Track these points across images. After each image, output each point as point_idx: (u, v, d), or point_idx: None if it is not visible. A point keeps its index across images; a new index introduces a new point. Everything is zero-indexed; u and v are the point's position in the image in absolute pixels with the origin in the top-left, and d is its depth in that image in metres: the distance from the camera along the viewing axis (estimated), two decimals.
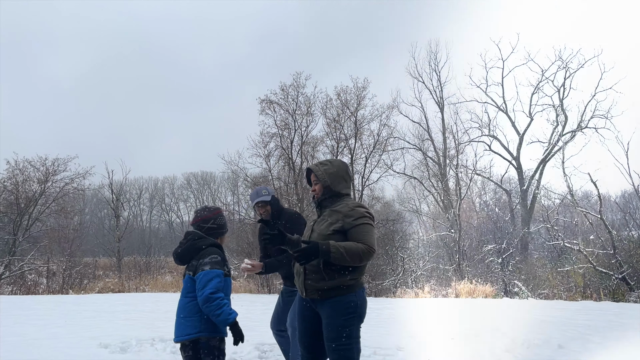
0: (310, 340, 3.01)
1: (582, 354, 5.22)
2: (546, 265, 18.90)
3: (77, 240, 24.71)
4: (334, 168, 3.05)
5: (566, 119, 23.17)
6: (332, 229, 2.87)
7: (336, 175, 3.02)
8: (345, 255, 2.70)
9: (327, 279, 2.82)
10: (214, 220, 3.03)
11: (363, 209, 2.94)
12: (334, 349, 2.80)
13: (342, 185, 3.05)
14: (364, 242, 2.77)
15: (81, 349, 5.17)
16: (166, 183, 58.48)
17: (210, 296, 2.73)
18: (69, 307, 10.41)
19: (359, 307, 2.86)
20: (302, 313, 3.06)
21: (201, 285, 2.75)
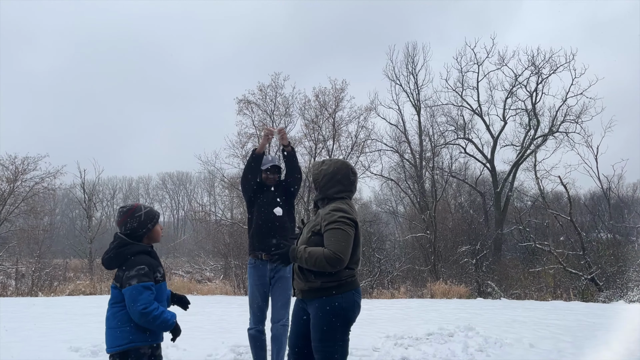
0: (296, 341, 3.01)
1: (552, 353, 5.36)
2: (518, 266, 19.36)
3: (47, 241, 24.06)
4: (331, 168, 2.99)
5: (538, 123, 23.78)
6: (311, 231, 2.89)
7: (331, 177, 2.97)
8: (308, 261, 2.73)
9: (305, 281, 2.85)
10: (131, 221, 2.76)
11: (340, 213, 2.81)
12: (317, 350, 2.81)
13: (335, 188, 2.97)
14: (329, 248, 2.70)
15: (52, 352, 5.05)
16: (141, 183, 57.59)
17: (143, 312, 2.56)
18: (39, 310, 10.11)
19: (345, 310, 2.80)
20: (295, 313, 3.09)
21: (131, 302, 2.57)
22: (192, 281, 18.80)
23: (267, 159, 4.23)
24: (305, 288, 2.86)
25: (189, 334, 5.97)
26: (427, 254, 21.01)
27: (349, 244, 2.74)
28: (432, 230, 20.93)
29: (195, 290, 16.38)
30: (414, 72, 24.89)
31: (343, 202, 2.93)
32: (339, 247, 2.69)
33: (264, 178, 4.24)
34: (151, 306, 2.59)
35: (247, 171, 4.18)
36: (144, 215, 2.80)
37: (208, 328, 7.19)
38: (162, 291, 2.75)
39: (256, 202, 4.21)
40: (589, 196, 30.26)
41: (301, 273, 2.86)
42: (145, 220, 2.79)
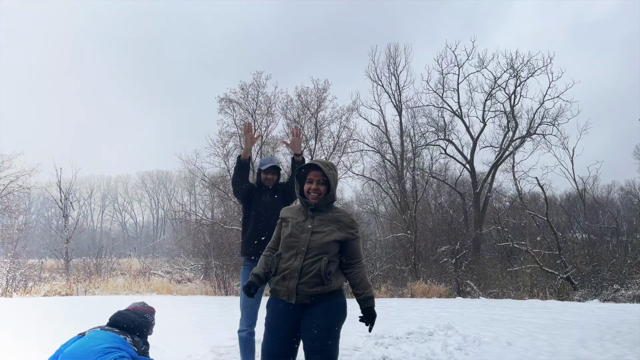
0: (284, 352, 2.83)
1: (529, 350, 5.46)
2: (496, 265, 19.64)
3: (22, 240, 23.43)
4: (336, 173, 2.99)
5: (516, 125, 24.19)
6: (334, 238, 2.85)
7: (336, 183, 2.97)
8: (371, 285, 3.01)
9: (325, 284, 2.80)
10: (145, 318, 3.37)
11: (357, 222, 3.03)
12: (318, 349, 2.74)
13: (334, 193, 3.02)
14: (362, 257, 2.96)
15: (26, 354, 4.92)
16: (120, 182, 56.67)
17: None
18: (13, 311, 9.87)
19: (346, 309, 2.95)
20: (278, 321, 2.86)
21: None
22: (171, 281, 18.61)
23: (267, 160, 4.22)
24: (321, 292, 2.79)
25: (168, 335, 5.90)
26: (408, 253, 21.16)
27: None
28: (413, 230, 21.10)
29: (175, 290, 16.21)
30: (395, 73, 25.07)
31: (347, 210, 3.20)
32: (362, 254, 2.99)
33: (262, 179, 4.16)
34: None
35: (236, 178, 4.10)
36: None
37: (188, 328, 7.12)
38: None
39: (253, 204, 4.10)
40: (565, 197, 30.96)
41: (325, 278, 2.79)
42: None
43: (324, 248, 2.81)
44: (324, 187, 2.90)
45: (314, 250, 2.81)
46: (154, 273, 22.36)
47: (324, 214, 2.92)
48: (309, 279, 2.77)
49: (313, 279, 2.77)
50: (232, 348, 5.45)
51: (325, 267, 2.77)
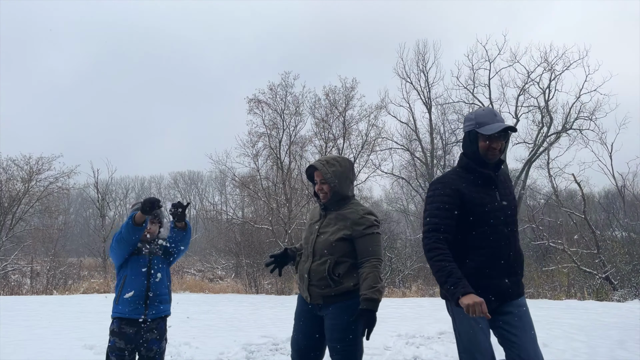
0: (307, 346, 2.92)
1: (566, 352, 5.30)
2: (531, 264, 19.15)
3: (62, 240, 24.41)
4: (342, 168, 2.90)
5: (551, 120, 23.51)
6: (339, 237, 2.79)
7: (344, 176, 2.90)
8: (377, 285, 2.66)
9: (333, 286, 2.77)
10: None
11: (372, 216, 2.84)
12: (338, 350, 2.74)
13: (348, 187, 2.94)
14: (374, 255, 2.73)
15: (66, 350, 5.12)
16: (153, 182, 58.17)
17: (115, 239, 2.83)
18: (54, 308, 10.26)
19: None
20: (302, 318, 2.96)
21: None
22: (204, 279, 18.96)
23: None
24: (332, 293, 2.78)
25: (201, 332, 6.03)
26: None
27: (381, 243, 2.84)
28: None
29: (207, 288, 16.50)
30: (424, 69, 24.77)
31: (359, 202, 2.97)
32: (379, 251, 2.78)
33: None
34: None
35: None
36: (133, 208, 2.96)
37: (220, 326, 7.24)
38: (136, 263, 2.82)
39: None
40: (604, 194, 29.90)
41: (332, 280, 2.77)
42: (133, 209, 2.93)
43: (329, 249, 2.79)
44: (327, 186, 2.87)
45: (320, 251, 2.82)
46: (186, 271, 22.84)
47: (336, 212, 2.88)
48: (318, 281, 2.80)
49: (322, 281, 2.78)
50: (263, 346, 5.51)
51: (330, 269, 2.75)
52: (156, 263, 2.81)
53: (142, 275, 2.74)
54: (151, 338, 2.76)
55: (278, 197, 21.47)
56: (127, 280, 2.73)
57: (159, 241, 2.92)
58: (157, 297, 2.78)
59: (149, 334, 2.76)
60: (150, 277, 2.76)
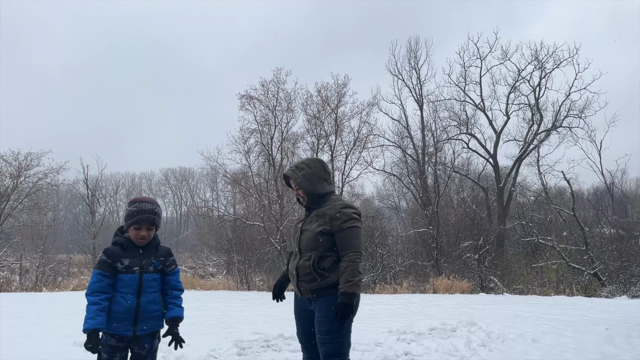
0: (307, 340, 3.05)
1: (555, 347, 5.36)
2: (521, 261, 19.33)
3: (51, 236, 24.19)
4: (312, 170, 3.00)
5: (541, 118, 23.72)
6: (319, 231, 2.87)
7: (315, 177, 2.99)
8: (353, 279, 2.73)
9: (319, 280, 2.85)
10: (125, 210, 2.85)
11: (350, 209, 2.90)
12: (326, 341, 2.83)
13: (323, 185, 3.02)
14: (352, 248, 2.80)
15: (55, 347, 5.08)
16: (144, 179, 57.76)
17: (86, 296, 2.66)
18: (43, 305, 10.18)
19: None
20: (298, 314, 3.09)
21: None
22: (195, 276, 18.91)
23: None
24: (319, 287, 2.86)
25: (192, 329, 6.00)
26: (430, 249, 21.00)
27: (361, 239, 2.87)
28: (435, 225, 20.92)
29: (199, 285, 16.46)
30: (416, 67, 24.81)
31: (339, 197, 3.04)
32: (359, 244, 2.83)
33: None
34: (94, 296, 2.62)
35: None
36: (126, 212, 2.82)
37: (211, 323, 7.22)
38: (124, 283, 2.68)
39: None
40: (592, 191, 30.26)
41: (317, 274, 2.85)
42: (125, 217, 2.82)
43: (312, 244, 2.89)
44: (303, 190, 2.99)
45: (304, 248, 2.93)
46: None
47: (316, 210, 2.98)
48: (304, 276, 2.91)
49: (308, 276, 2.88)
50: (254, 343, 5.51)
51: (315, 263, 2.85)
52: (148, 280, 2.73)
53: (131, 294, 2.67)
54: (143, 337, 2.74)
55: (270, 193, 21.43)
56: (116, 297, 2.66)
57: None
58: (148, 314, 2.71)
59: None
60: (140, 296, 2.70)
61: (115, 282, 2.68)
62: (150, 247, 2.82)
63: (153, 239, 2.85)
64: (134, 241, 2.77)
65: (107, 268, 2.67)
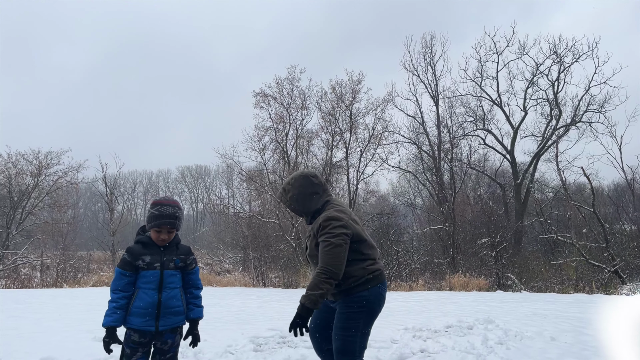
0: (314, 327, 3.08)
1: (574, 346, 5.28)
2: (539, 258, 19.08)
3: (71, 233, 24.61)
4: (298, 189, 2.98)
5: (560, 113, 23.29)
6: (314, 246, 2.91)
7: (303, 195, 2.99)
8: (308, 293, 2.70)
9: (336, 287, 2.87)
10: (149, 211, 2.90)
11: (328, 222, 2.82)
12: (337, 337, 2.86)
13: (315, 200, 3.01)
14: (321, 263, 2.74)
15: (76, 342, 5.17)
16: (160, 176, 58.45)
17: (110, 291, 2.76)
18: (64, 301, 10.38)
19: (371, 302, 2.87)
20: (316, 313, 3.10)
21: None
22: (211, 273, 19.08)
23: None
24: (338, 290, 2.89)
25: (209, 325, 6.06)
26: (446, 246, 20.85)
27: (338, 254, 2.73)
28: (451, 222, 20.76)
29: (215, 282, 16.59)
30: (431, 62, 24.61)
31: (331, 208, 2.96)
32: (325, 259, 2.73)
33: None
34: (114, 293, 2.74)
35: None
36: (149, 213, 2.89)
37: (228, 319, 7.28)
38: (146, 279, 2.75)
39: None
40: (613, 187, 29.66)
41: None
42: (147, 219, 2.89)
43: (313, 258, 2.94)
44: (295, 212, 3.07)
45: (313, 263, 2.97)
46: None
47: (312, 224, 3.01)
48: None
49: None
50: (270, 339, 5.54)
51: None
52: (168, 276, 2.80)
53: (153, 290, 2.75)
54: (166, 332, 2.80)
55: None
56: (138, 293, 2.74)
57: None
58: (169, 310, 2.78)
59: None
60: (161, 291, 2.77)
61: (137, 279, 2.76)
62: (171, 246, 2.90)
63: (173, 238, 2.93)
64: (155, 242, 2.85)
65: (128, 267, 2.75)
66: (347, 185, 22.13)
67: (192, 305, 2.92)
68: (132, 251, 2.79)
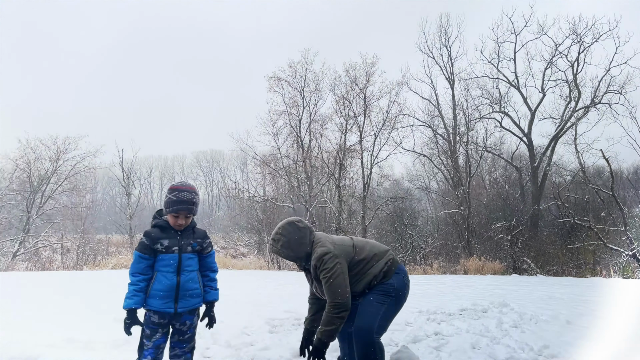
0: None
1: (590, 329, 5.25)
2: (556, 242, 18.89)
3: (90, 217, 25.10)
4: (287, 237, 3.13)
5: (579, 94, 22.76)
6: (320, 286, 3.11)
7: (293, 241, 3.13)
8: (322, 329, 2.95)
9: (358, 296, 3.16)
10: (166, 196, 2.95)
11: (319, 260, 3.02)
12: (359, 316, 3.03)
13: (303, 246, 3.14)
14: (328, 299, 2.97)
15: (97, 323, 5.30)
16: (176, 161, 58.90)
17: (129, 274, 2.83)
18: (84, 283, 10.63)
19: (397, 290, 3.12)
20: None
21: None
22: (227, 256, 19.32)
23: None
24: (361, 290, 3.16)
25: (225, 307, 6.16)
26: (461, 230, 20.76)
27: (339, 284, 2.95)
28: (466, 206, 20.63)
29: (231, 265, 16.81)
30: (447, 44, 24.16)
31: (316, 246, 3.12)
32: (330, 294, 2.95)
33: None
34: (134, 277, 2.81)
35: None
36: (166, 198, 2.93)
37: (244, 301, 7.39)
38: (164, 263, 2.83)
39: None
40: (633, 170, 29.01)
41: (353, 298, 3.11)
42: (165, 204, 2.93)
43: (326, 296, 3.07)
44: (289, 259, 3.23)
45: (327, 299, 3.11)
46: None
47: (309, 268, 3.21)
48: None
49: None
50: (285, 320, 5.62)
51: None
52: (186, 259, 2.87)
53: (171, 273, 2.82)
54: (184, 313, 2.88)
55: (299, 175, 21.54)
56: (157, 276, 2.81)
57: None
58: (187, 292, 2.86)
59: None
60: (180, 274, 2.84)
61: (155, 262, 2.82)
62: (187, 230, 2.96)
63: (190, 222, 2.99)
64: (173, 226, 2.91)
65: (147, 250, 2.81)
66: (360, 170, 22.09)
67: (208, 287, 3.00)
68: (151, 235, 2.84)
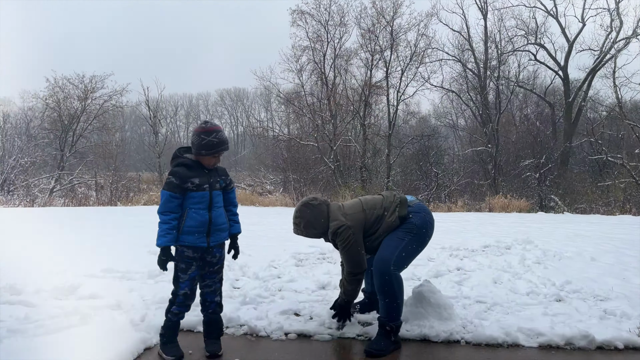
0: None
1: (614, 266, 5.26)
2: (586, 179, 18.53)
3: (120, 155, 25.80)
4: (305, 219, 3.31)
5: (621, 24, 21.30)
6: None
7: (311, 223, 3.30)
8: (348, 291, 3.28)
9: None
10: (194, 137, 2.96)
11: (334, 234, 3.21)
12: (381, 248, 3.18)
13: (322, 224, 3.29)
14: (346, 267, 3.25)
15: (133, 255, 5.60)
16: (200, 100, 58.94)
17: (158, 213, 2.90)
18: (119, 218, 11.13)
19: (418, 227, 3.20)
20: None
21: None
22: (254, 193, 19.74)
23: None
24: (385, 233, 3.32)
25: (252, 242, 6.39)
26: (487, 168, 20.50)
27: (354, 252, 3.18)
28: (494, 143, 20.22)
29: (257, 202, 17.20)
30: None
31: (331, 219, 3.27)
32: (348, 262, 3.21)
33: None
34: (165, 215, 2.88)
35: None
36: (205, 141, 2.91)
37: (270, 236, 7.63)
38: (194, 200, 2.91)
39: None
40: None
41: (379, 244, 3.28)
42: (204, 146, 2.92)
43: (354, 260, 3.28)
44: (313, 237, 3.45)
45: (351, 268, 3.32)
46: (237, 185, 23.78)
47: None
48: None
49: None
50: (311, 255, 5.81)
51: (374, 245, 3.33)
52: (216, 196, 3.00)
53: (203, 210, 2.94)
54: (215, 247, 3.06)
55: (323, 113, 21.34)
56: (189, 213, 2.92)
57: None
58: (218, 227, 3.01)
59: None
60: (211, 210, 2.96)
61: (185, 200, 2.92)
62: (213, 168, 3.05)
63: None
64: (207, 166, 2.99)
65: (177, 189, 2.89)
66: (386, 107, 21.67)
67: (232, 221, 3.16)
68: (180, 174, 2.91)
